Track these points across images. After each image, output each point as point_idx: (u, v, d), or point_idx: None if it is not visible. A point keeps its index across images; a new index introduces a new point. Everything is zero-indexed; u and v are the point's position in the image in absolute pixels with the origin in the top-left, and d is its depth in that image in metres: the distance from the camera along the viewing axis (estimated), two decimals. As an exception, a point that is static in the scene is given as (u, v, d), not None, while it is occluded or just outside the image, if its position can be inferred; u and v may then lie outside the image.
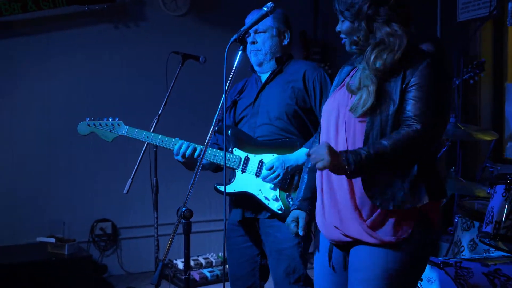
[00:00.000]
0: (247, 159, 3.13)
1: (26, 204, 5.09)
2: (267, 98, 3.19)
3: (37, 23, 5.08)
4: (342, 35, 2.36)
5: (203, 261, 5.37)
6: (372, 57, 2.21)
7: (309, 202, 2.57)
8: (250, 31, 3.15)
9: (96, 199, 5.35)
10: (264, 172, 3.07)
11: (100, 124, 3.29)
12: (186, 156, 3.12)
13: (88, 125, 3.30)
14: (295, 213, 2.60)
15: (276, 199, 3.06)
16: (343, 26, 2.34)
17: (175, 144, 3.16)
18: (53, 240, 4.72)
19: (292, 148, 3.10)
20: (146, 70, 5.41)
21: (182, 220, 2.37)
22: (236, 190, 3.13)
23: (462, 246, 3.72)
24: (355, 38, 2.30)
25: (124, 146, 5.06)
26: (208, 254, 5.52)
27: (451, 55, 4.59)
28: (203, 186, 3.28)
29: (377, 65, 2.20)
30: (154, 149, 3.71)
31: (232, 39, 2.46)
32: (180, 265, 5.25)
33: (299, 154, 3.06)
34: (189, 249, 2.42)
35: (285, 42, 3.26)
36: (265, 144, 3.13)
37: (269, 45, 3.19)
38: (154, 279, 2.30)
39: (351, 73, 2.43)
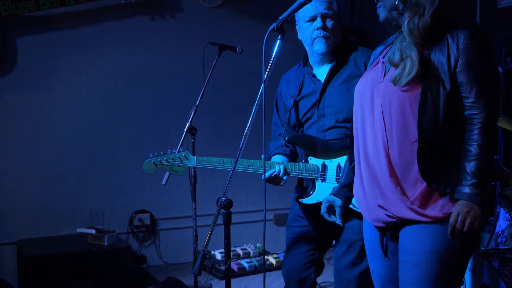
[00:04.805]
0: (324, 167, 3.03)
1: (67, 197, 5.16)
2: (332, 98, 3.05)
3: (75, 17, 5.12)
4: (380, 3, 2.32)
5: (240, 252, 5.39)
6: (406, 22, 2.19)
7: (346, 189, 2.56)
8: (317, 13, 3.04)
9: (135, 190, 5.39)
10: None
11: (167, 160, 3.18)
12: (284, 178, 3.02)
13: (155, 163, 3.19)
14: (329, 198, 2.60)
15: None
16: None
17: (261, 167, 3.02)
18: (93, 231, 4.78)
19: None
20: (183, 62, 5.43)
21: (222, 210, 2.36)
22: (320, 200, 3.00)
23: (505, 236, 3.65)
24: (392, 3, 2.26)
25: (161, 138, 5.09)
26: (245, 245, 5.52)
27: (492, 44, 4.49)
28: (241, 177, 3.27)
29: (413, 30, 2.17)
30: (192, 140, 3.71)
31: (271, 28, 2.41)
32: (218, 256, 5.28)
33: None
34: (230, 239, 2.41)
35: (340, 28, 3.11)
36: (339, 146, 3.02)
37: (337, 32, 3.03)
38: (195, 269, 2.31)
39: (384, 52, 2.40)
